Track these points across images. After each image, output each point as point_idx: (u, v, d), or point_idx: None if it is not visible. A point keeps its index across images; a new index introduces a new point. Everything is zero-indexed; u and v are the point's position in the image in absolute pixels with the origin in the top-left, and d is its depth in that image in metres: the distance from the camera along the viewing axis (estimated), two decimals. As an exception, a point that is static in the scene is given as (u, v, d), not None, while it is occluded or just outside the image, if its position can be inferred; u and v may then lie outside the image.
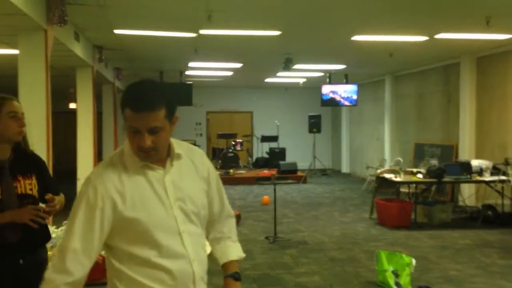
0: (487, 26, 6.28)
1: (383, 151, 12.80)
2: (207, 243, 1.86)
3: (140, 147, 1.61)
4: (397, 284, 4.68)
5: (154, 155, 1.65)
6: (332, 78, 12.28)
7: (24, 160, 2.41)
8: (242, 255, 1.94)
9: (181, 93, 11.41)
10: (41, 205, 2.36)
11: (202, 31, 6.79)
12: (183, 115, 13.94)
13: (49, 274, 1.58)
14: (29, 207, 2.30)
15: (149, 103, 1.58)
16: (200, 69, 11.14)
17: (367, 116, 14.32)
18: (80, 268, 1.58)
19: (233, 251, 1.93)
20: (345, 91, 12.59)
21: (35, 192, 2.38)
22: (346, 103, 12.77)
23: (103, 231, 1.61)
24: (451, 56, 9.45)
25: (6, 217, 2.25)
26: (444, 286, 4.84)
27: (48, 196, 2.33)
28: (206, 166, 1.84)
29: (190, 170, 1.77)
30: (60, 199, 2.46)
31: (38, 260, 2.38)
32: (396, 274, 4.74)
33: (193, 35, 7.06)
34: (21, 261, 2.32)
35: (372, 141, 13.81)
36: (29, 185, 2.37)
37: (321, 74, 12.14)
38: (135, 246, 1.62)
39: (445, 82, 10.24)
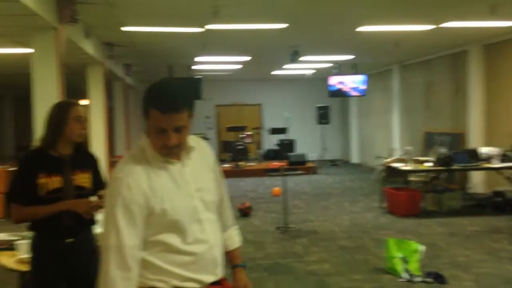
0: (493, 13, 6.28)
1: (392, 141, 12.82)
2: None
3: (165, 146, 1.70)
4: (406, 270, 4.77)
5: (177, 152, 1.76)
6: (341, 68, 12.28)
7: (83, 157, 2.78)
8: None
9: (191, 88, 11.49)
10: (93, 198, 2.70)
11: (209, 26, 6.88)
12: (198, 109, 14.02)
13: (113, 272, 1.64)
14: (85, 200, 2.66)
15: (177, 105, 1.68)
16: (209, 63, 11.23)
17: (376, 106, 14.33)
18: (137, 262, 1.69)
19: (239, 238, 2.12)
20: (353, 82, 12.60)
21: (89, 185, 2.74)
22: (355, 93, 12.77)
23: (143, 225, 1.69)
24: (458, 44, 9.44)
25: (66, 205, 2.63)
26: (453, 271, 4.92)
27: (101, 193, 2.70)
28: (212, 155, 1.97)
29: (202, 161, 1.88)
30: None
31: (87, 239, 2.76)
32: (405, 261, 4.83)
33: (200, 30, 7.15)
34: (72, 239, 2.68)
35: (382, 130, 13.83)
36: (85, 179, 2.72)
37: (330, 65, 12.16)
38: (161, 235, 1.72)
39: (453, 70, 10.23)
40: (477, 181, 9.04)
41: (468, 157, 7.69)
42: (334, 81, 12.58)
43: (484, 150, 7.94)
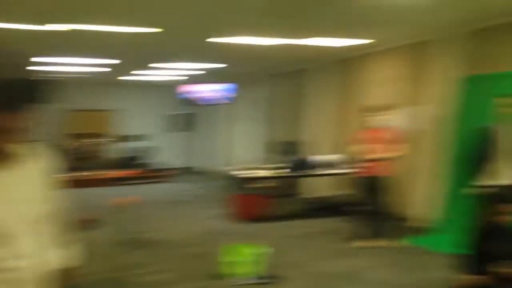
0: (340, 33, 6.78)
1: (247, 149, 13.29)
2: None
3: None
4: (246, 273, 4.98)
5: (4, 157, 1.60)
6: (210, 76, 12.35)
7: None
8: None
9: (42, 90, 10.68)
10: None
11: (72, 26, 6.47)
12: (42, 113, 13.05)
13: None
14: None
15: (14, 103, 1.53)
16: (62, 64, 10.53)
17: (240, 114, 14.56)
18: None
19: (76, 255, 1.98)
20: (219, 90, 12.73)
21: None
22: (222, 101, 12.91)
23: None
24: (313, 59, 10.01)
25: None
26: (293, 271, 5.28)
27: None
28: (49, 163, 1.83)
29: (35, 169, 1.75)
30: None
31: None
32: (247, 264, 5.04)
33: (60, 28, 6.66)
34: None
35: (239, 139, 14.24)
36: None
37: (203, 72, 12.18)
38: None
39: (303, 83, 10.97)
40: (316, 187, 9.84)
41: (308, 164, 8.38)
42: (191, 89, 12.62)
43: (325, 157, 8.72)
